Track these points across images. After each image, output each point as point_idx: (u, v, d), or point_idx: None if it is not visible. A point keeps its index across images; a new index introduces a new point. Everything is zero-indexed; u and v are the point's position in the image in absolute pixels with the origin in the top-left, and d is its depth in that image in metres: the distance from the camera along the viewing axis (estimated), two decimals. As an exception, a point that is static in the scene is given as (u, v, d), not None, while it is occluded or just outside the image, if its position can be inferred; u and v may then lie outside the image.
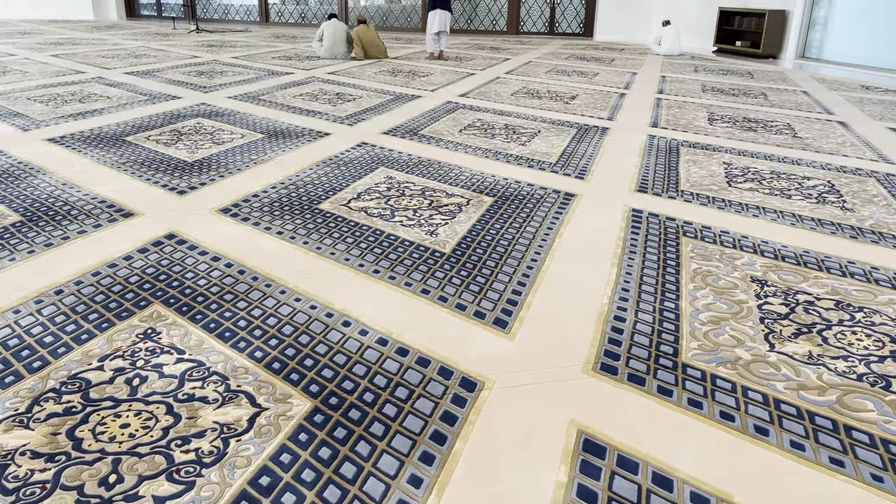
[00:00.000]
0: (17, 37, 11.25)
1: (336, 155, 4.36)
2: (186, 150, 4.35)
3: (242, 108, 5.82)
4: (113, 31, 12.89)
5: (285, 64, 8.97)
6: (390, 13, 15.90)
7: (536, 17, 15.22)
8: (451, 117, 5.76)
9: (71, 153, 4.19)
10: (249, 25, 15.82)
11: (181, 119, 5.29)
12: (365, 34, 9.69)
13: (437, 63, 9.64)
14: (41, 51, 9.36)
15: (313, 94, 6.71)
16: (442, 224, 3.14)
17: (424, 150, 4.59)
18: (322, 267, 2.64)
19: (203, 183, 3.68)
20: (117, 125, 4.99)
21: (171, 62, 8.69)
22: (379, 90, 7.06)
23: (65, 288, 2.37)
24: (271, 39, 12.45)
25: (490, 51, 11.66)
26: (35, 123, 4.96)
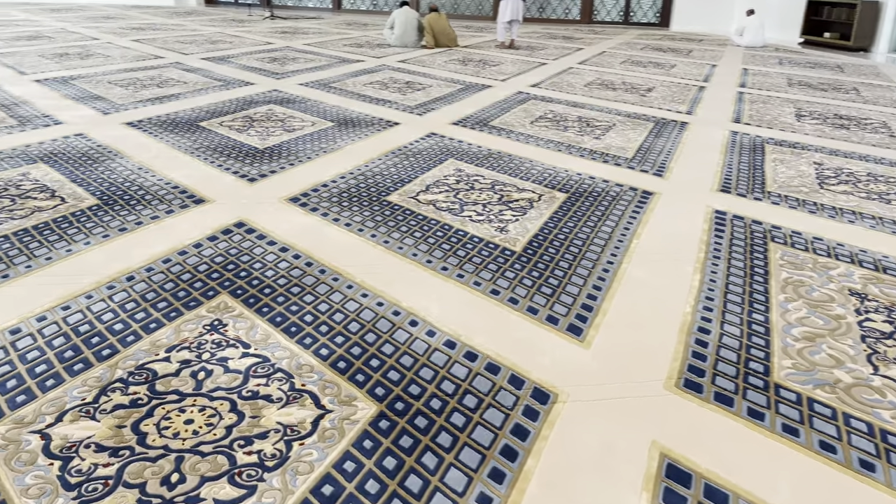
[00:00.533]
0: (102, 21, 11.65)
1: (405, 145, 4.30)
2: (258, 137, 4.36)
3: (313, 96, 5.83)
4: (191, 18, 13.21)
5: (356, 51, 8.98)
6: (461, 0, 15.76)
7: (611, 5, 14.81)
8: (522, 108, 5.62)
9: (147, 137, 4.26)
10: (322, 13, 15.96)
11: (254, 105, 5.33)
12: (436, 22, 9.60)
13: (508, 52, 9.47)
14: (123, 35, 9.65)
15: (383, 82, 6.67)
16: (512, 220, 3.03)
17: (494, 141, 4.48)
18: (390, 261, 2.58)
19: (273, 171, 3.68)
20: (192, 110, 5.06)
21: (245, 48, 8.82)
22: (449, 79, 6.97)
23: (136, 274, 2.38)
24: (343, 27, 12.52)
25: (562, 40, 11.41)
26: (115, 107, 5.08)
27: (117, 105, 5.15)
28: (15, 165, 3.59)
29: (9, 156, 3.76)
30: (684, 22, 13.96)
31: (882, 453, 1.58)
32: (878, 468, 1.53)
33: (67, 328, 2.01)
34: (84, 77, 6.26)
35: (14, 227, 2.76)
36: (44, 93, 5.50)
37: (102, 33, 9.82)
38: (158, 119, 4.75)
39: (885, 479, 1.50)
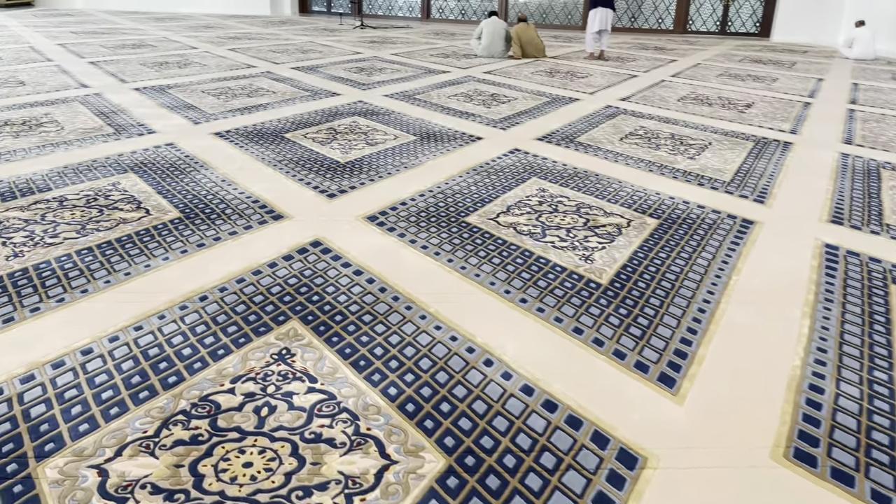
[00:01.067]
0: (201, 30, 12.12)
1: (487, 162, 4.17)
2: (340, 151, 4.33)
3: (397, 108, 5.79)
4: (285, 27, 13.57)
5: (442, 62, 8.94)
6: (550, 10, 15.54)
7: (707, 15, 14.24)
8: (610, 124, 5.39)
9: (234, 148, 4.31)
10: (410, 22, 16.09)
11: (338, 117, 5.33)
12: (524, 32, 9.45)
13: (596, 63, 9.21)
14: (220, 44, 9.98)
15: (468, 94, 6.57)
16: (598, 248, 2.85)
17: (581, 159, 4.29)
18: (465, 290, 2.45)
19: (353, 186, 3.62)
20: (278, 121, 5.11)
21: (334, 58, 8.93)
22: (535, 91, 6.80)
23: (209, 294, 2.35)
24: (431, 36, 12.55)
25: (654, 51, 11.02)
26: (205, 116, 5.19)
27: (208, 115, 5.26)
28: (107, 175, 3.68)
29: (103, 164, 3.86)
30: (786, 32, 13.25)
31: None
32: None
33: (137, 351, 1.98)
34: (180, 86, 6.46)
35: (99, 239, 2.79)
36: (141, 101, 5.69)
37: (201, 42, 10.19)
38: (245, 130, 4.81)
39: None
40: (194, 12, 16.13)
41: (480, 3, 16.34)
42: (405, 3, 16.85)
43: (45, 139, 4.38)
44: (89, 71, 7.19)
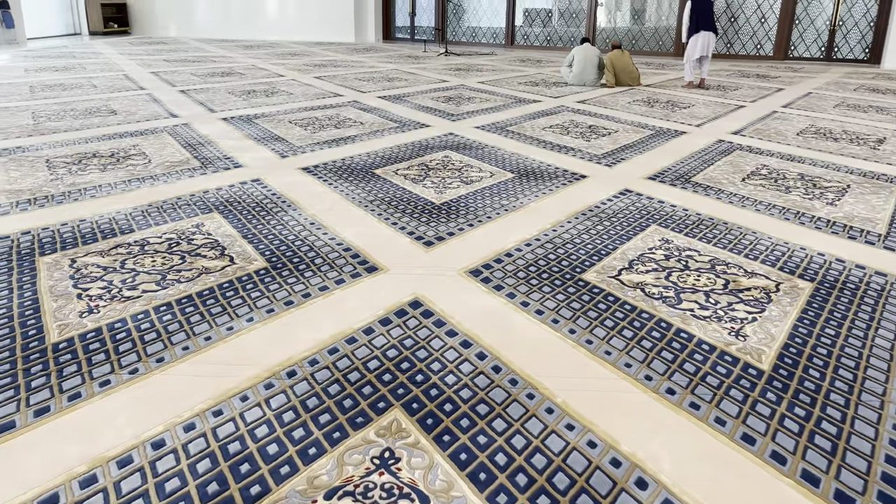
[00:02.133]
0: (288, 57, 12.21)
1: (597, 205, 3.76)
2: (434, 190, 4.01)
3: (490, 141, 5.45)
4: (370, 54, 13.56)
5: (532, 90, 8.59)
6: (640, 36, 15.01)
7: (811, 40, 13.39)
8: (727, 161, 4.88)
9: (322, 185, 4.05)
10: (495, 48, 15.87)
11: (429, 151, 5.03)
12: (619, 59, 9.01)
13: (696, 92, 8.66)
14: (306, 72, 9.96)
15: (564, 125, 6.18)
16: (748, 319, 2.39)
17: (702, 203, 3.82)
18: (595, 372, 2.04)
19: (451, 233, 3.28)
20: (367, 155, 4.85)
21: (420, 86, 8.72)
22: (636, 123, 6.35)
23: (298, 369, 2.02)
24: (516, 63, 12.24)
25: (756, 79, 10.35)
26: (292, 149, 4.99)
27: (295, 147, 5.06)
28: (191, 214, 3.46)
29: (187, 202, 3.66)
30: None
31: None
32: None
33: (216, 445, 1.67)
34: (267, 116, 6.34)
35: (179, 292, 2.53)
36: (228, 132, 5.56)
37: (288, 70, 10.20)
38: (334, 164, 4.57)
39: None
40: (281, 40, 16.41)
41: (566, 30, 15.97)
42: (489, 29, 16.67)
43: (131, 173, 4.25)
44: (179, 100, 7.20)
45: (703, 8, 8.78)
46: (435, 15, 17.01)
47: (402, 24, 17.71)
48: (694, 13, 8.76)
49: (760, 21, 13.68)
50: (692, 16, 8.77)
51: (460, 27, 17.04)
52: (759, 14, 13.63)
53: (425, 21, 17.39)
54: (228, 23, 16.95)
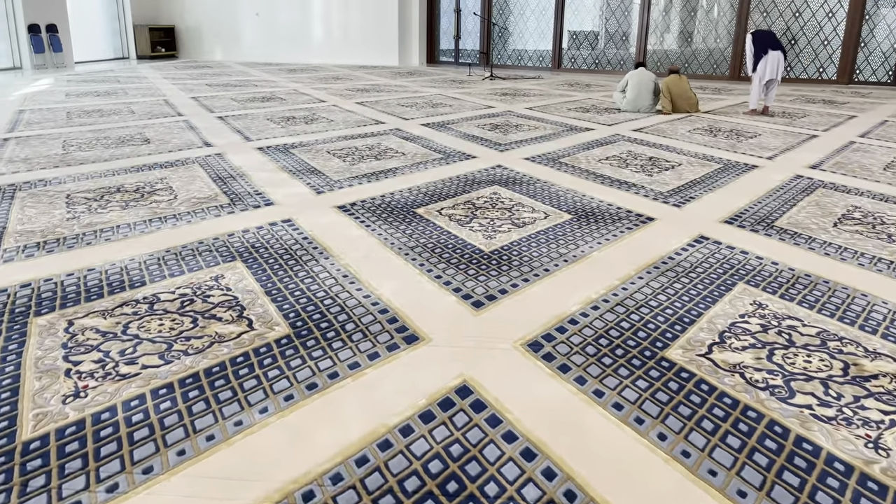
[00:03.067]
0: (331, 81, 11.98)
1: (670, 255, 3.27)
2: (482, 234, 3.58)
3: (541, 174, 5.01)
4: (413, 78, 13.28)
5: (583, 117, 8.13)
6: (693, 59, 14.42)
7: (878, 64, 12.65)
8: (811, 201, 4.35)
9: (358, 227, 3.66)
10: (541, 72, 15.46)
11: (475, 186, 4.62)
12: (676, 85, 8.49)
13: (760, 120, 8.08)
14: (348, 97, 9.68)
15: (621, 157, 5.70)
16: (886, 425, 1.88)
17: (793, 254, 3.31)
18: (700, 500, 1.56)
19: (503, 290, 2.83)
20: (409, 191, 4.45)
21: (465, 112, 8.34)
22: (700, 155, 5.83)
23: (317, 488, 1.60)
24: (564, 87, 11.80)
25: (823, 105, 9.71)
26: (329, 184, 4.62)
27: (332, 182, 4.69)
28: (211, 263, 3.09)
29: (209, 248, 3.30)
30: (979, 82, 11.46)
31: None
32: None
33: None
34: (305, 145, 6.01)
35: (184, 369, 2.14)
36: (263, 163, 5.24)
37: (329, 95, 9.94)
38: (372, 202, 4.18)
39: None
40: (325, 63, 16.29)
41: (616, 52, 15.49)
42: (535, 52, 16.28)
43: (153, 211, 3.92)
44: (216, 127, 6.94)
45: (765, 37, 8.22)
46: (480, 38, 16.71)
47: (447, 48, 17.46)
48: (757, 43, 8.18)
49: (823, 44, 12.99)
50: (755, 46, 8.20)
51: (505, 50, 16.70)
52: (822, 36, 12.96)
53: (469, 44, 17.11)
54: (274, 46, 16.94)
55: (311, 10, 16.75)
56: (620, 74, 14.60)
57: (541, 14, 15.87)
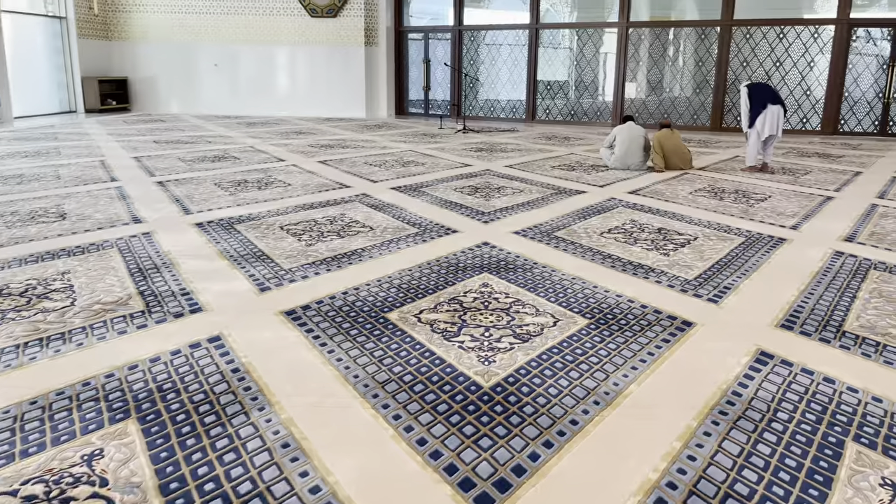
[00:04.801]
0: (293, 137, 11.10)
1: (734, 391, 2.41)
2: (476, 355, 2.68)
3: (538, 254, 4.16)
4: (381, 131, 12.50)
5: (569, 176, 7.36)
6: (672, 109, 13.92)
7: (862, 114, 12.25)
8: (870, 289, 3.57)
9: (309, 349, 2.73)
10: (516, 124, 14.83)
11: (461, 274, 3.73)
12: (668, 140, 7.80)
13: (762, 178, 7.40)
14: (310, 155, 8.80)
15: (626, 229, 4.89)
16: None
17: (884, 378, 2.47)
18: None
19: (519, 468, 1.92)
20: (379, 284, 3.55)
21: (439, 172, 7.51)
22: (714, 224, 5.05)
23: None
24: (542, 141, 11.11)
25: (820, 159, 9.13)
26: (277, 276, 3.69)
27: (281, 272, 3.76)
28: (91, 426, 2.13)
29: (95, 394, 2.33)
30: (968, 132, 11.07)
31: None
32: None
33: None
34: (254, 218, 5.08)
35: None
36: (198, 247, 4.29)
37: (290, 152, 9.06)
38: (331, 304, 3.26)
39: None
40: (288, 116, 15.46)
41: (592, 103, 14.96)
42: (508, 103, 15.68)
43: (35, 328, 2.93)
44: (152, 195, 5.97)
45: (762, 90, 7.62)
46: (450, 88, 16.09)
47: (416, 98, 16.80)
48: (753, 97, 7.56)
49: (805, 94, 12.58)
50: (752, 101, 7.57)
51: (477, 101, 16.09)
52: (804, 86, 12.56)
53: (440, 94, 16.47)
54: (236, 98, 16.08)
55: (275, 61, 15.99)
56: (598, 126, 14.04)
57: (513, 64, 15.34)
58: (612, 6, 14.61)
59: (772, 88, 7.75)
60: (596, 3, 17.06)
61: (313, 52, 15.68)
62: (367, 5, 15.32)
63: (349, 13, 15.28)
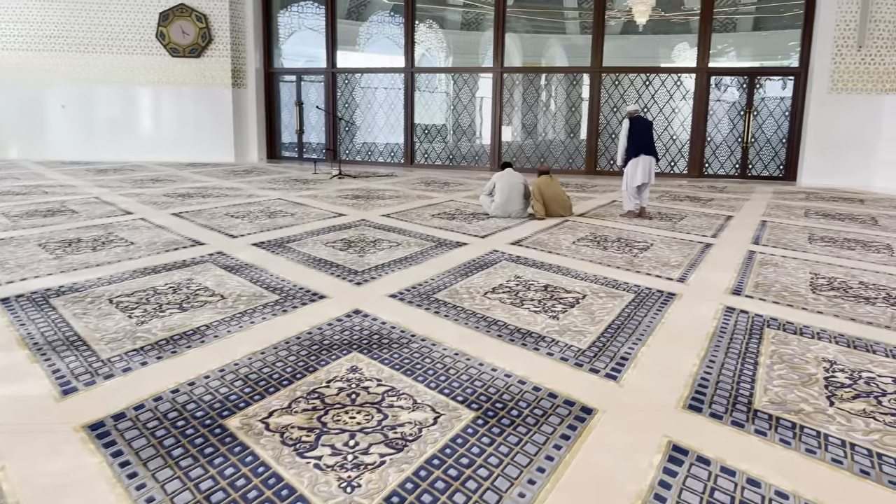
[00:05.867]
0: (147, 185, 10.06)
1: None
2: (336, 477, 2.11)
3: (417, 323, 3.65)
4: (250, 178, 11.68)
5: (449, 225, 6.96)
6: (548, 153, 14.04)
7: (724, 157, 12.83)
8: (772, 354, 3.34)
9: (113, 485, 2.05)
10: (393, 168, 14.43)
11: (325, 355, 3.15)
12: (548, 187, 7.62)
13: (641, 223, 7.33)
14: (164, 207, 7.90)
15: (510, 287, 4.49)
16: None
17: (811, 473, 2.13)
18: None
19: None
20: (221, 374, 2.90)
21: (310, 223, 6.89)
22: (601, 278, 4.76)
23: None
24: (421, 187, 10.73)
25: (691, 202, 9.31)
26: (91, 369, 2.95)
27: (97, 365, 3.02)
28: None
29: None
30: (815, 176, 11.78)
31: None
32: None
33: None
34: (78, 289, 4.25)
35: None
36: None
37: (140, 204, 8.11)
38: (155, 408, 2.57)
39: None
40: (150, 161, 14.24)
41: (470, 147, 14.86)
42: (386, 146, 15.29)
43: None
44: (-43, 260, 4.97)
45: (642, 130, 7.63)
46: (325, 132, 15.50)
47: (290, 142, 16.06)
48: (632, 136, 7.58)
49: (672, 139, 13.05)
50: (630, 138, 7.59)
51: (353, 145, 15.58)
52: (671, 132, 13.02)
53: (315, 138, 15.84)
54: (90, 142, 14.63)
55: (137, 103, 14.75)
56: (477, 170, 13.91)
57: (390, 108, 15.01)
58: (487, 52, 14.69)
59: (650, 129, 7.77)
60: (471, 48, 17.21)
61: (178, 93, 14.64)
62: (235, 46, 14.55)
63: (214, 53, 14.43)
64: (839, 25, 11.30)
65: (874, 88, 11.30)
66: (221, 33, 14.41)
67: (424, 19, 16.45)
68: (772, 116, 12.48)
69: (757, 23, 14.68)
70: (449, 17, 17.19)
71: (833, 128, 11.55)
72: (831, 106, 11.53)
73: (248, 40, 14.86)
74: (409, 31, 14.31)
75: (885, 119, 11.24)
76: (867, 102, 11.35)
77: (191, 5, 14.21)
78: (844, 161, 11.58)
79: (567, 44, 17.20)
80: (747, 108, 12.47)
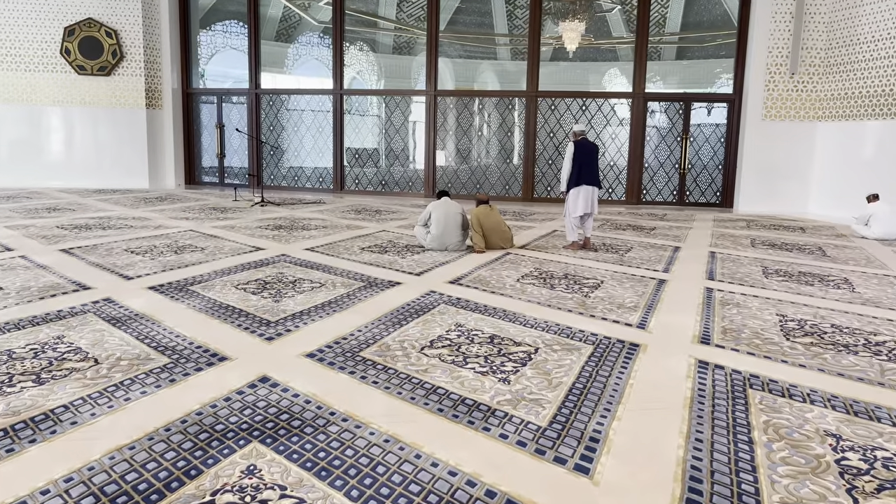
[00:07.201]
0: (41, 215, 8.98)
1: None
2: None
3: (338, 396, 2.96)
4: (163, 206, 10.70)
5: (381, 260, 6.28)
6: (485, 180, 13.57)
7: (662, 183, 12.65)
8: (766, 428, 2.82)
9: None
10: (322, 194, 13.65)
11: (216, 448, 2.43)
12: (487, 217, 7.05)
13: (587, 257, 6.84)
14: (54, 241, 6.92)
15: (451, 340, 3.85)
16: None
17: None
18: None
19: None
20: (66, 489, 2.12)
21: (222, 261, 6.08)
22: (552, 326, 4.19)
23: None
24: (351, 215, 10.02)
25: (634, 231, 8.93)
26: None
27: None
28: None
29: None
30: (753, 203, 11.71)
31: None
32: None
33: None
34: None
35: None
36: None
37: (26, 238, 7.09)
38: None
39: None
40: (55, 187, 12.98)
41: (403, 172, 14.25)
42: (314, 171, 14.50)
43: None
44: None
45: (586, 157, 7.17)
46: (248, 156, 14.59)
47: (210, 166, 15.07)
48: (576, 161, 7.12)
49: (610, 165, 12.78)
50: (574, 163, 7.13)
51: (279, 170, 14.72)
52: (608, 157, 12.76)
53: (237, 162, 14.91)
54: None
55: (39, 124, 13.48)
56: (411, 196, 13.31)
57: (318, 131, 14.27)
58: (419, 76, 14.19)
59: (595, 155, 7.31)
60: (403, 72, 16.68)
61: (86, 114, 13.48)
62: (149, 64, 13.55)
63: (126, 72, 13.39)
64: (772, 52, 11.29)
65: (807, 115, 11.31)
66: (134, 50, 13.39)
67: (355, 41, 15.85)
68: (707, 143, 12.39)
69: (691, 51, 14.69)
70: (381, 41, 16.63)
71: (768, 154, 11.52)
72: (766, 132, 11.50)
73: (165, 58, 13.88)
74: (337, 52, 13.66)
75: (818, 146, 11.27)
76: (800, 129, 11.36)
77: (99, 20, 13.17)
78: (780, 188, 11.55)
79: (499, 69, 16.89)
80: (684, 134, 12.34)
